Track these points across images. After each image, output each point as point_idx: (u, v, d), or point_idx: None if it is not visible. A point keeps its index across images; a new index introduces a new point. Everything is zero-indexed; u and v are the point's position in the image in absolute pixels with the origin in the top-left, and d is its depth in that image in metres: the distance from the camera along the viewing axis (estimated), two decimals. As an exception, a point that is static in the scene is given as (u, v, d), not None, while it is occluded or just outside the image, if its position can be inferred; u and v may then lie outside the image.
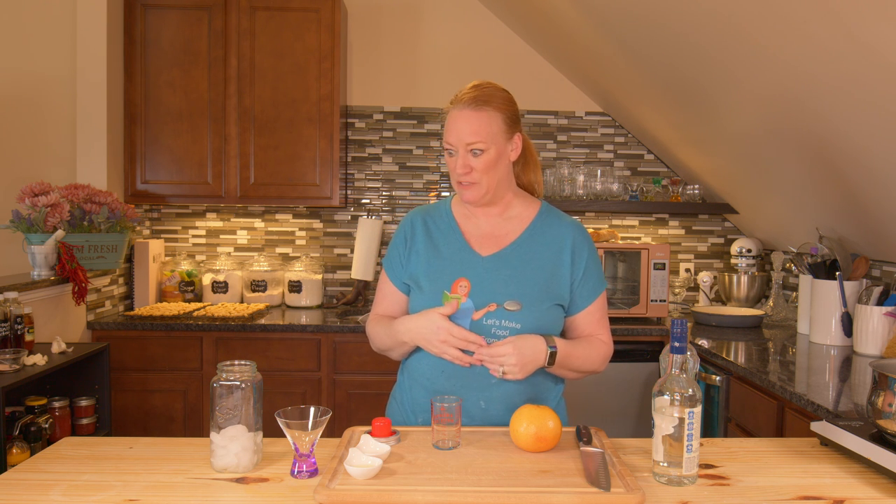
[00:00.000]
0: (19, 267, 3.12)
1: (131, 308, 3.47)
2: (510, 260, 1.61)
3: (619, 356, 3.10)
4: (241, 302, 3.64)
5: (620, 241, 3.60)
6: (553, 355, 1.52)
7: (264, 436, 1.37)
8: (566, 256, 1.63)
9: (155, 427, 3.10)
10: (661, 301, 3.20)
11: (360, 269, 3.57)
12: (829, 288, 2.62)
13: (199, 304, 3.46)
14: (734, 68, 2.38)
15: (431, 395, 1.56)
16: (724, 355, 2.52)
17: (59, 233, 2.80)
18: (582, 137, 3.81)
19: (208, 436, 1.40)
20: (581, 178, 3.57)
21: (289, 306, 3.61)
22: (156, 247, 3.53)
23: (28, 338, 2.42)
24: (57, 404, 2.46)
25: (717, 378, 2.51)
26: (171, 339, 3.09)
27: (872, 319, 2.44)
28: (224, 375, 1.29)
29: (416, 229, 1.68)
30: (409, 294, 1.67)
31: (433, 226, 1.68)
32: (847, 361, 2.41)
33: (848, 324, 2.59)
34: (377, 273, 3.62)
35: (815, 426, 1.44)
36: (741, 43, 2.19)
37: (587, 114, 3.80)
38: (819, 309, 2.67)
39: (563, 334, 1.68)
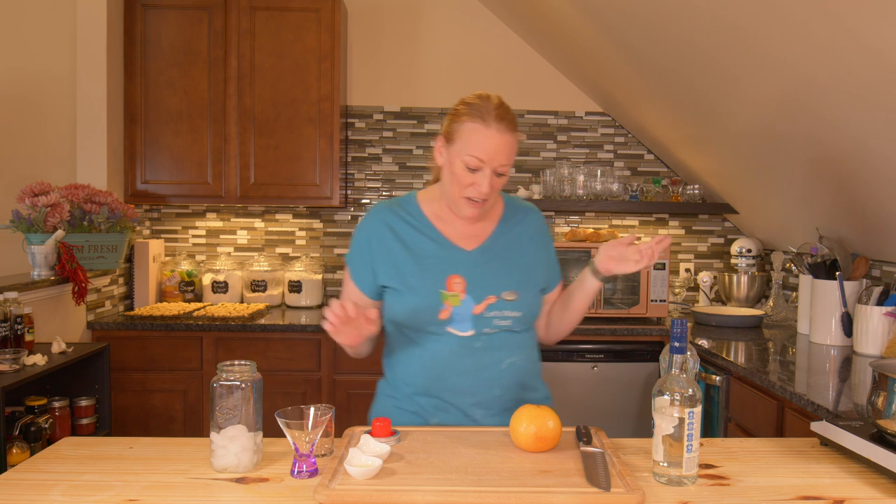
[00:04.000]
0: (19, 267, 3.11)
1: (131, 308, 3.47)
2: (496, 251, 1.63)
3: (619, 356, 3.11)
4: (241, 302, 3.64)
5: (620, 241, 3.59)
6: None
7: (264, 436, 1.37)
8: (539, 240, 1.69)
9: (155, 427, 3.10)
10: (661, 301, 3.20)
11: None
12: (829, 288, 2.62)
13: (199, 304, 3.46)
14: (734, 68, 2.38)
15: (440, 394, 1.58)
16: (724, 355, 2.52)
17: (59, 233, 2.80)
18: (582, 137, 3.81)
19: (208, 436, 1.40)
20: (581, 178, 3.57)
21: (289, 306, 3.61)
22: (156, 247, 3.53)
23: (28, 338, 2.42)
24: (57, 404, 2.46)
25: (717, 378, 2.51)
26: (171, 339, 3.09)
27: (872, 319, 2.44)
28: (224, 375, 1.29)
29: (383, 232, 1.62)
30: (386, 297, 1.64)
31: (404, 226, 1.63)
32: (847, 361, 2.41)
33: (848, 324, 2.59)
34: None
35: (815, 426, 1.44)
36: (741, 43, 2.19)
37: (587, 114, 3.80)
38: (819, 309, 2.66)
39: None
